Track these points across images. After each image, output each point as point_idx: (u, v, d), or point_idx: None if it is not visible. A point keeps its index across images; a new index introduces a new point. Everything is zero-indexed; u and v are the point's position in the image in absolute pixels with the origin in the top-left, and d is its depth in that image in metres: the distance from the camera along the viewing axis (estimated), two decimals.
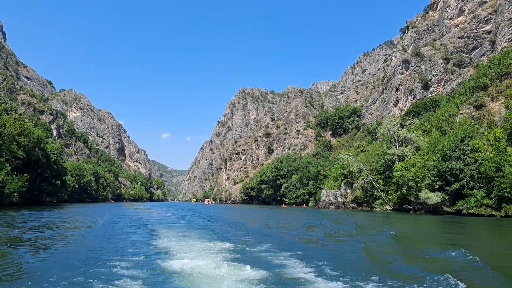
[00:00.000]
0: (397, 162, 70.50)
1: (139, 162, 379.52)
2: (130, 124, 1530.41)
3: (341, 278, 11.41)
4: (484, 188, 48.15)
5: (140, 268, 12.61)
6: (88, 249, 16.52)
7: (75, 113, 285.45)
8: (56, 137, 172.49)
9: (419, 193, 55.78)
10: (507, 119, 54.75)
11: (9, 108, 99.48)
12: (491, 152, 49.42)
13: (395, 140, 74.86)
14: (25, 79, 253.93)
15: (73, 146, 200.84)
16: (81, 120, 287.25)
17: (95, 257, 14.36)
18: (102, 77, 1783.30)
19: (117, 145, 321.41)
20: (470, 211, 47.54)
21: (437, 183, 52.58)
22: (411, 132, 74.42)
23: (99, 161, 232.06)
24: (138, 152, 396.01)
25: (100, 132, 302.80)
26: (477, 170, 48.83)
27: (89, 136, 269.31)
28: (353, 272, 12.32)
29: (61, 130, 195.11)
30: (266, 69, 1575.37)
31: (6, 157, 52.79)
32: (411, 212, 60.98)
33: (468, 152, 50.78)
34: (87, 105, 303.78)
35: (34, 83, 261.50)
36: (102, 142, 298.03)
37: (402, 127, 77.00)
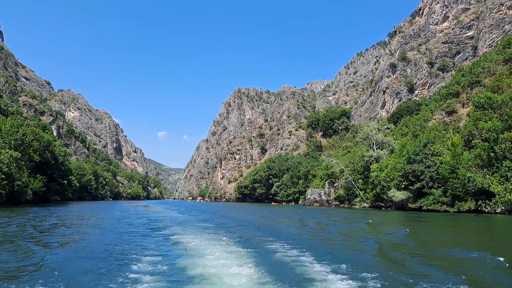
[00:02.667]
0: (374, 163, 77.80)
1: (136, 161, 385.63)
2: (126, 122, 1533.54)
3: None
4: (442, 187, 55.53)
5: (155, 254, 14.82)
6: (112, 240, 19.47)
7: (73, 113, 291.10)
8: (56, 137, 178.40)
9: (388, 192, 63.19)
10: (466, 127, 62.02)
11: (15, 112, 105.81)
12: (449, 156, 56.71)
13: (373, 143, 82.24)
14: (24, 79, 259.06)
15: (72, 146, 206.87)
16: (79, 120, 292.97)
17: (120, 243, 18.63)
18: (99, 77, 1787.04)
19: (114, 144, 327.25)
20: (429, 207, 54.96)
21: (403, 183, 59.99)
22: (387, 136, 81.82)
23: (97, 160, 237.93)
24: (135, 151, 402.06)
25: (98, 131, 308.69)
26: (435, 172, 56.23)
27: (87, 136, 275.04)
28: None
29: (61, 130, 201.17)
30: (261, 69, 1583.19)
31: (24, 161, 59.58)
32: (383, 208, 68.43)
33: (430, 156, 58.13)
34: (85, 105, 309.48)
35: (33, 84, 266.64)
36: (100, 141, 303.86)
37: (380, 131, 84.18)
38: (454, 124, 75.73)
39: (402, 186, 60.14)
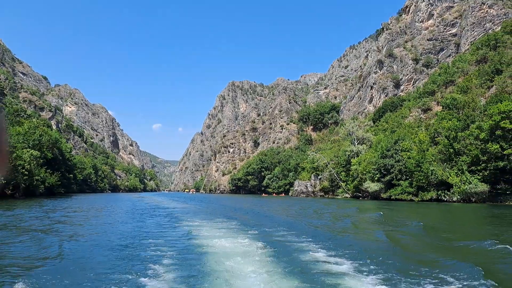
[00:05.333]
0: (354, 157, 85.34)
1: (133, 155, 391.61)
2: (121, 115, 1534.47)
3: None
4: (408, 179, 63.19)
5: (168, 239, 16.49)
6: (131, 227, 22.96)
7: (70, 107, 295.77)
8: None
9: (364, 183, 70.84)
10: (433, 125, 69.55)
11: (19, 109, 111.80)
12: (416, 151, 64.27)
13: (354, 138, 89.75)
14: (21, 75, 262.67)
15: (71, 141, 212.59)
16: (76, 114, 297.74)
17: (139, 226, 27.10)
18: (94, 71, 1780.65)
19: (111, 138, 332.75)
20: (397, 197, 62.66)
21: (377, 175, 67.65)
22: (368, 132, 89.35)
23: (95, 154, 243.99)
24: (131, 145, 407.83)
25: (95, 125, 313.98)
26: (403, 166, 63.82)
27: (84, 130, 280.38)
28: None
29: (59, 125, 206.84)
30: (256, 61, 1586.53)
31: (41, 158, 66.42)
32: (360, 198, 76.16)
33: (399, 151, 65.69)
34: (82, 99, 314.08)
35: (30, 79, 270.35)
36: (97, 135, 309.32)
37: (360, 128, 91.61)
38: (427, 121, 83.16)
39: (376, 178, 67.80)
